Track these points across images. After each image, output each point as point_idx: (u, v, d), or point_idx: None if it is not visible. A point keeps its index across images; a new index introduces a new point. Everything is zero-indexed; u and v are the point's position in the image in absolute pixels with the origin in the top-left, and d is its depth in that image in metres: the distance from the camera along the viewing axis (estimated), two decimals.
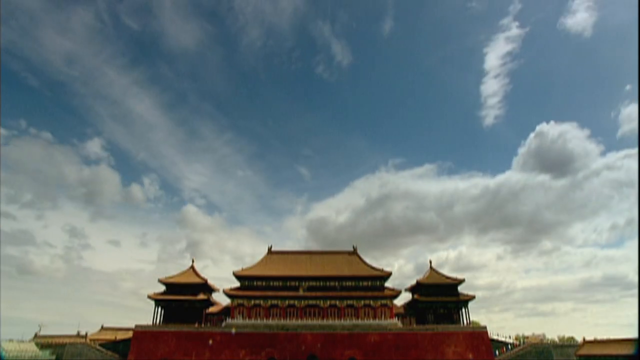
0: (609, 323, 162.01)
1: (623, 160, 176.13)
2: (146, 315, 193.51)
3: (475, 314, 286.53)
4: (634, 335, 48.57)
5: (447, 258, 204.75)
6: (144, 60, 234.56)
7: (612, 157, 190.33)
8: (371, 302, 68.87)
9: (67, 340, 66.80)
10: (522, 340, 71.40)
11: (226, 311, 71.11)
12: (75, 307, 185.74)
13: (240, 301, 69.02)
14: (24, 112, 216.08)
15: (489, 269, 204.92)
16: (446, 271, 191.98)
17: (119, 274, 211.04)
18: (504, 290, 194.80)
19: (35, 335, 70.28)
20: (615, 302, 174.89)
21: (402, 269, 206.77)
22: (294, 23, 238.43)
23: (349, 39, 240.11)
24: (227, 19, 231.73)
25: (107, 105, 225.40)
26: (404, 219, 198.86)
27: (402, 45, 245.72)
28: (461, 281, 73.24)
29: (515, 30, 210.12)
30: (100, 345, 67.00)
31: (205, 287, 74.40)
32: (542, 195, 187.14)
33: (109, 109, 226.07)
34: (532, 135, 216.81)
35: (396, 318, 69.02)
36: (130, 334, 67.31)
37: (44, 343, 65.27)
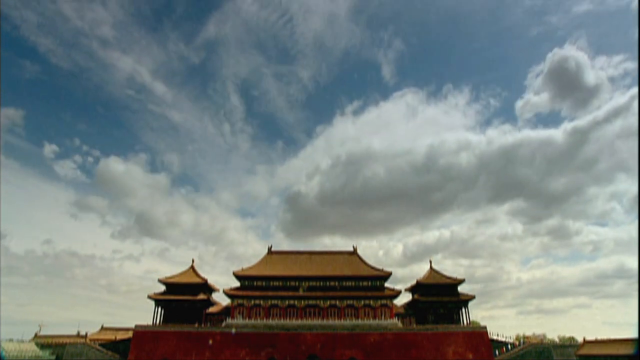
0: (618, 322, 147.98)
1: (633, 102, 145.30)
2: (121, 310, 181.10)
3: (474, 310, 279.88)
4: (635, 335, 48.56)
5: (441, 238, 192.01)
6: (195, 80, 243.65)
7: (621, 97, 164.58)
8: (371, 302, 68.88)
9: (67, 340, 66.77)
10: (522, 340, 71.39)
11: (226, 311, 71.11)
12: (32, 303, 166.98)
13: (240, 301, 69.03)
14: (78, 130, 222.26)
15: (488, 252, 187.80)
16: (442, 258, 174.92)
17: (66, 258, 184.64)
18: (503, 284, 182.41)
19: (35, 335, 70.22)
20: (628, 297, 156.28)
21: (390, 253, 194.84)
22: (349, 48, 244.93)
23: (398, 63, 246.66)
24: (288, 43, 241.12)
25: (154, 119, 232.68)
26: (378, 188, 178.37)
27: (450, 68, 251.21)
28: (461, 281, 73.32)
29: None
30: (101, 345, 66.96)
31: (205, 287, 74.45)
32: (547, 150, 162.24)
33: (155, 123, 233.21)
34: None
35: (396, 318, 69.04)
36: (130, 334, 67.33)
37: (44, 343, 65.24)
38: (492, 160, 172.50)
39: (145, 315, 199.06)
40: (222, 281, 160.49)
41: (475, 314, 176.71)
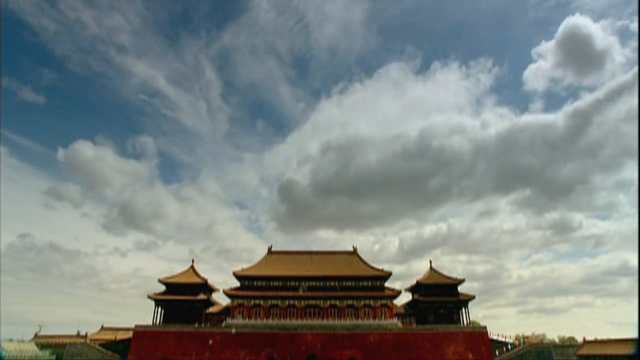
0: (620, 321, 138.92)
1: (636, 81, 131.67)
2: (113, 308, 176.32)
3: (475, 309, 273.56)
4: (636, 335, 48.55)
5: (439, 233, 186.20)
6: (207, 83, 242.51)
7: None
8: (371, 302, 68.87)
9: (67, 340, 66.83)
10: (522, 340, 71.44)
11: (226, 311, 71.12)
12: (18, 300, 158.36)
13: (240, 301, 69.01)
14: (92, 132, 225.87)
15: (489, 248, 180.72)
16: (440, 254, 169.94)
17: (49, 253, 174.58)
18: (504, 282, 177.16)
19: (35, 335, 70.33)
20: (632, 295, 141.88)
21: (386, 248, 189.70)
22: (361, 53, 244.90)
23: (409, 64, 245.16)
24: (302, 49, 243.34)
25: (165, 123, 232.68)
26: (371, 176, 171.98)
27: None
28: (461, 281, 73.34)
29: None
30: (101, 345, 66.99)
31: (205, 287, 74.48)
32: (548, 135, 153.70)
33: (166, 127, 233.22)
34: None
35: (396, 318, 69.03)
36: (130, 334, 67.33)
37: (44, 343, 65.26)
38: (489, 146, 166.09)
39: (139, 313, 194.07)
40: (214, 278, 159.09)
41: (476, 312, 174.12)
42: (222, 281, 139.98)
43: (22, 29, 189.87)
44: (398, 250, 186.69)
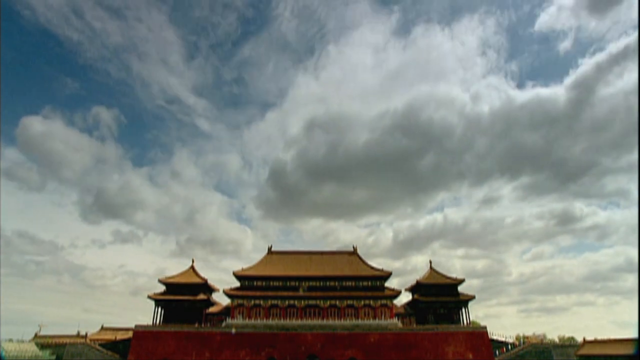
0: (625, 320, 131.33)
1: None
2: (103, 307, 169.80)
3: (475, 307, 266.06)
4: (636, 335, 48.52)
5: (435, 224, 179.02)
6: (217, 87, 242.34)
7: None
8: (371, 302, 68.87)
9: (67, 340, 66.75)
10: (522, 340, 71.41)
11: (226, 311, 71.15)
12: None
13: (240, 301, 69.02)
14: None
15: (488, 240, 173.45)
16: (439, 247, 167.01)
17: (17, 242, 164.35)
18: (505, 279, 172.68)
19: (35, 335, 70.21)
20: (637, 293, 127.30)
21: (380, 241, 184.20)
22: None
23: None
24: (318, 54, 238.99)
25: (178, 127, 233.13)
26: (359, 158, 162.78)
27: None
28: (461, 281, 73.36)
29: None
30: (100, 345, 66.93)
31: (205, 287, 74.49)
32: (548, 109, 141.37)
33: (178, 133, 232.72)
34: None
35: (396, 318, 69.05)
36: (130, 334, 67.34)
37: (44, 343, 65.19)
38: (483, 123, 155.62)
39: (131, 312, 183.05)
40: (203, 274, 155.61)
41: (476, 311, 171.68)
42: (210, 277, 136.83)
43: (47, 38, 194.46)
44: (393, 243, 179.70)
